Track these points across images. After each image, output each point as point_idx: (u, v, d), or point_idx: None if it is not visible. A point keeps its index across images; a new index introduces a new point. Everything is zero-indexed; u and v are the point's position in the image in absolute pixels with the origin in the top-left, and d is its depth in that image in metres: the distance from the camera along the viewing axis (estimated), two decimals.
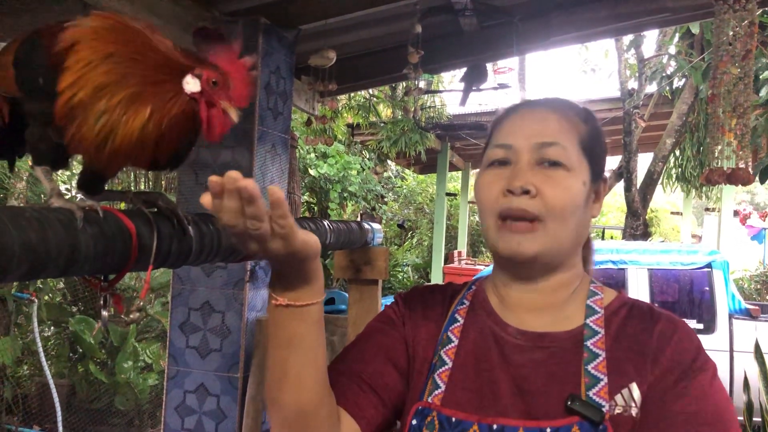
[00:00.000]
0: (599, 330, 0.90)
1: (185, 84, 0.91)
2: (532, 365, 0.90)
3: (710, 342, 5.24)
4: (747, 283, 9.58)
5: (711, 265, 5.44)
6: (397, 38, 3.14)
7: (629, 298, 0.96)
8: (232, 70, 0.93)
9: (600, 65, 21.30)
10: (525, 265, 0.92)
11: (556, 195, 0.88)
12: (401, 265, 11.62)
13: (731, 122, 2.53)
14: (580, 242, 0.95)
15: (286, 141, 2.80)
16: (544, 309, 0.94)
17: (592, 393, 0.84)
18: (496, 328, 0.95)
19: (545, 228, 0.88)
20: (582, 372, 0.86)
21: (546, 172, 0.90)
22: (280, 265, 0.79)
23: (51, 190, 0.93)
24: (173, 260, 1.07)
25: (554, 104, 0.97)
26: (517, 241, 0.89)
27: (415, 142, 8.61)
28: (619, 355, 0.87)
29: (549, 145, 0.90)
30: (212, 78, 0.91)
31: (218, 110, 0.92)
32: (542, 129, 0.92)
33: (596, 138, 0.97)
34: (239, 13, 2.55)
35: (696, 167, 8.68)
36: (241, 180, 0.68)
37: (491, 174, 0.94)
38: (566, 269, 0.95)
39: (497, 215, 0.91)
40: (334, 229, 1.86)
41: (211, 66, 0.92)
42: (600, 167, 0.97)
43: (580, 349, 0.89)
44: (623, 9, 2.97)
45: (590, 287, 0.96)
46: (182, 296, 2.64)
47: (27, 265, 0.76)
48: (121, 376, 4.89)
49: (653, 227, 15.62)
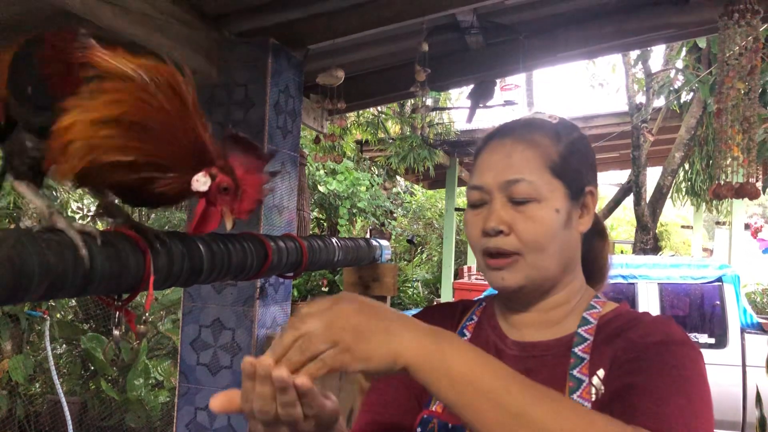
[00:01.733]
0: (588, 337, 0.92)
1: (194, 181, 0.89)
2: (525, 374, 0.91)
3: (722, 357, 5.20)
4: (759, 297, 9.50)
5: (722, 279, 5.40)
6: (404, 56, 3.17)
7: (628, 309, 0.97)
8: (246, 182, 0.91)
9: (607, 80, 21.29)
10: (515, 296, 0.96)
11: (528, 229, 0.91)
12: (411, 281, 11.60)
13: (737, 137, 2.54)
14: (568, 263, 0.96)
15: (296, 159, 2.83)
16: (544, 324, 0.97)
17: (575, 396, 0.86)
18: (498, 341, 0.98)
19: (525, 260, 0.91)
20: (567, 376, 0.89)
21: (517, 207, 0.92)
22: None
23: (47, 208, 0.90)
24: (185, 279, 1.09)
25: (522, 132, 0.97)
26: (501, 276, 0.92)
27: (424, 158, 8.63)
28: (602, 356, 0.88)
29: (514, 182, 0.92)
30: (224, 184, 0.90)
31: (216, 212, 0.91)
32: (508, 165, 0.94)
33: (571, 153, 0.96)
34: (249, 33, 2.59)
35: (705, 181, 8.65)
36: (275, 369, 0.66)
37: (472, 214, 0.97)
38: (560, 289, 0.96)
39: (482, 253, 0.94)
40: (342, 247, 1.88)
41: (229, 170, 0.90)
42: (581, 182, 0.96)
43: (568, 355, 0.91)
44: (629, 25, 2.99)
45: (591, 301, 0.98)
46: (193, 313, 2.66)
47: (46, 286, 0.78)
48: (133, 393, 4.91)
49: (663, 241, 15.54)
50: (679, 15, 2.89)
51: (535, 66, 3.34)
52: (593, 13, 3.02)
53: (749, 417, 5.03)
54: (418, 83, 2.94)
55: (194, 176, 0.89)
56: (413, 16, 2.53)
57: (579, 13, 3.02)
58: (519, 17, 3.06)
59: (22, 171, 0.93)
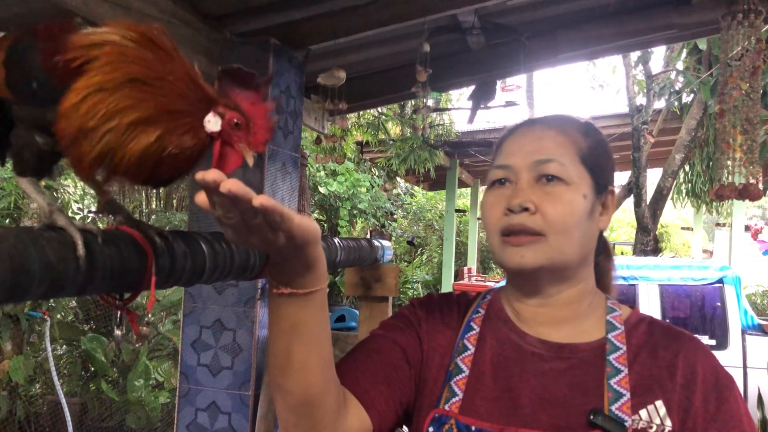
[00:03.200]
0: (621, 345, 0.91)
1: (206, 122, 0.88)
2: (553, 374, 0.91)
3: (723, 358, 5.17)
4: (760, 298, 9.51)
5: (723, 280, 5.40)
6: (406, 57, 3.16)
7: (644, 314, 0.97)
8: (254, 114, 0.90)
9: (608, 81, 21.33)
10: (531, 278, 0.94)
11: (556, 210, 0.90)
12: (411, 282, 11.60)
13: (739, 138, 2.54)
14: (586, 255, 0.96)
15: (297, 159, 2.82)
16: (559, 323, 0.95)
17: (614, 408, 0.85)
18: (514, 337, 0.96)
19: (548, 241, 0.90)
20: (605, 386, 0.87)
21: (545, 188, 0.91)
22: (279, 254, 0.76)
23: (48, 205, 0.88)
24: (187, 279, 1.08)
25: (553, 121, 0.99)
26: (521, 254, 0.90)
27: (424, 159, 8.63)
28: (642, 371, 0.88)
29: (546, 161, 0.92)
30: (235, 119, 0.88)
31: (234, 151, 0.90)
32: (539, 147, 0.94)
33: (599, 151, 0.98)
34: (249, 33, 2.58)
35: (706, 182, 8.65)
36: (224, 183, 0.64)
37: (493, 194, 0.96)
38: (575, 283, 0.95)
39: (500, 233, 0.92)
40: (344, 247, 1.87)
41: (235, 106, 0.89)
42: (605, 179, 0.97)
43: (602, 363, 0.90)
44: (630, 26, 2.99)
45: (608, 303, 0.97)
46: (194, 314, 2.66)
47: (47, 285, 0.77)
48: (133, 394, 4.90)
49: (664, 243, 15.54)
50: (680, 15, 2.88)
51: (536, 67, 3.34)
52: (594, 14, 3.01)
53: None
54: (419, 84, 2.94)
55: (205, 118, 0.88)
56: (414, 17, 2.52)
57: (580, 14, 3.02)
58: (520, 18, 3.05)
59: (28, 166, 0.91)
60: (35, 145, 0.89)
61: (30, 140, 0.89)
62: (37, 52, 0.85)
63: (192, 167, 0.92)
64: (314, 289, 0.80)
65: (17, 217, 5.26)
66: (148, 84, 0.84)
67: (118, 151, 0.83)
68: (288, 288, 0.79)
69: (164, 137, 0.84)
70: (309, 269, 0.78)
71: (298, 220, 0.72)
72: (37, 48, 0.86)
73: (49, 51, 0.84)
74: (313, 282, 0.79)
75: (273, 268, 0.79)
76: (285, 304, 0.80)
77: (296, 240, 0.73)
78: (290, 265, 0.77)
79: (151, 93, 0.84)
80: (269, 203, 0.67)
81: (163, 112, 0.84)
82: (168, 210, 7.97)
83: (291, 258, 0.76)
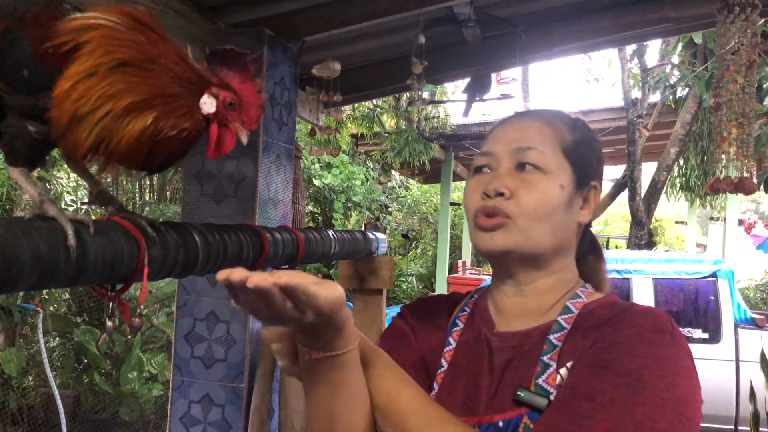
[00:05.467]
0: (566, 326, 0.90)
1: (202, 104, 0.89)
2: (506, 365, 0.92)
3: (716, 352, 5.22)
4: (753, 292, 9.56)
5: (716, 274, 5.42)
6: (401, 49, 3.15)
7: (615, 300, 0.94)
8: (245, 92, 0.92)
9: (603, 75, 21.34)
10: (502, 262, 0.95)
11: (530, 196, 0.91)
12: (405, 275, 11.61)
13: (734, 132, 2.54)
14: (561, 244, 0.96)
15: (291, 151, 2.81)
16: (530, 313, 0.95)
17: (540, 381, 0.85)
18: (489, 334, 0.97)
19: (515, 224, 0.91)
20: (537, 363, 0.88)
21: (522, 176, 0.93)
22: (309, 326, 0.76)
23: (39, 195, 0.87)
24: (180, 270, 1.07)
25: (541, 113, 1.01)
26: (491, 237, 0.92)
27: (419, 152, 8.63)
28: (575, 344, 0.87)
29: (526, 149, 0.94)
30: (228, 99, 0.90)
31: (230, 132, 0.91)
32: (522, 135, 0.96)
33: (584, 146, 0.98)
34: (244, 24, 2.57)
35: (700, 176, 8.68)
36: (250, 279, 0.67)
37: (474, 181, 0.98)
38: (549, 273, 0.95)
39: (474, 216, 0.94)
40: (339, 239, 1.86)
41: (226, 86, 0.90)
42: (589, 174, 0.98)
43: (543, 342, 0.90)
44: (626, 19, 2.98)
45: (577, 290, 0.96)
46: (187, 306, 2.65)
47: (37, 275, 0.77)
48: (126, 386, 4.89)
49: (658, 237, 15.59)
50: (676, 9, 2.88)
51: (532, 59, 3.33)
52: (590, 6, 3.01)
53: (742, 411, 5.05)
54: (414, 76, 2.93)
55: (200, 100, 0.88)
56: (410, 9, 2.51)
57: (576, 7, 3.01)
58: (516, 10, 3.04)
59: (20, 156, 0.90)
60: (27, 134, 0.88)
61: (22, 129, 0.88)
62: (27, 40, 0.85)
63: (188, 150, 0.92)
64: (347, 350, 0.80)
65: (9, 208, 5.23)
66: (140, 67, 0.84)
67: (114, 135, 0.82)
68: (321, 352, 0.79)
69: (160, 120, 0.84)
70: (339, 332, 0.78)
71: (324, 295, 0.72)
72: (27, 36, 0.85)
73: (39, 38, 0.83)
74: (344, 343, 0.79)
75: (303, 336, 0.79)
76: (321, 368, 0.80)
77: (324, 314, 0.74)
78: (320, 332, 0.77)
79: (145, 76, 0.84)
80: (293, 281, 0.69)
81: (158, 95, 0.84)
82: (161, 202, 7.94)
83: (321, 326, 0.76)
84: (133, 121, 0.82)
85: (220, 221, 1.30)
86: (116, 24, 0.84)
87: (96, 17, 0.84)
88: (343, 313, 0.77)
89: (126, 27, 0.84)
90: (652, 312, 0.85)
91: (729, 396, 5.16)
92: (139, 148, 0.84)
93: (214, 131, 0.90)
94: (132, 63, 0.83)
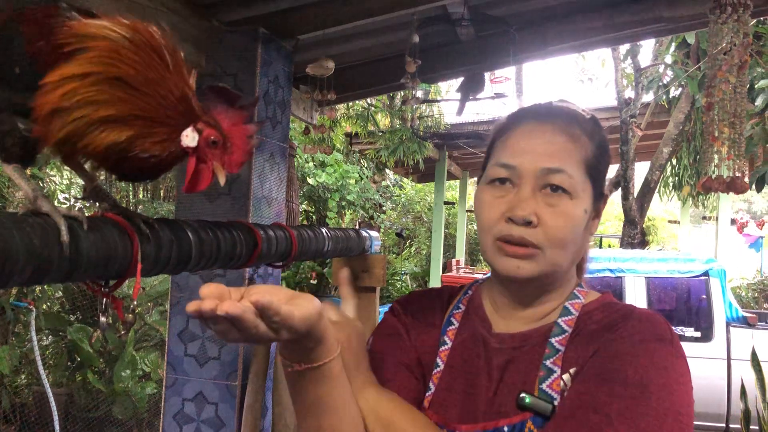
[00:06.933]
0: (567, 329, 0.90)
1: (183, 136, 0.87)
2: (505, 366, 0.91)
3: (707, 350, 5.25)
4: (744, 291, 9.61)
5: (708, 273, 5.45)
6: (395, 48, 3.15)
7: (612, 301, 0.94)
8: (233, 134, 0.90)
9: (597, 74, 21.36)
10: (522, 286, 0.93)
11: (557, 225, 0.87)
12: (399, 274, 11.62)
13: (726, 131, 2.55)
14: (576, 261, 0.96)
15: (285, 150, 2.81)
16: (529, 315, 0.95)
17: (544, 386, 0.85)
18: (486, 335, 0.96)
19: (544, 255, 0.88)
20: (540, 367, 0.87)
21: (548, 199, 0.88)
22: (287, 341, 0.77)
23: (33, 191, 0.87)
24: (173, 266, 1.08)
25: (562, 120, 0.93)
26: (516, 265, 0.88)
27: (413, 151, 8.63)
28: (579, 348, 0.87)
29: (555, 171, 0.88)
30: (212, 137, 0.88)
31: (207, 169, 0.90)
32: (549, 152, 0.89)
33: (602, 153, 0.95)
34: (238, 22, 2.57)
35: (693, 176, 8.71)
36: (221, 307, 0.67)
37: (492, 193, 0.92)
38: (559, 287, 0.95)
39: (496, 237, 0.89)
40: (332, 237, 1.87)
41: (215, 124, 0.89)
42: (602, 185, 0.96)
43: (545, 345, 0.89)
44: (619, 19, 2.99)
45: (574, 290, 0.96)
46: (181, 304, 2.65)
47: (30, 270, 0.77)
48: (120, 384, 4.89)
49: (650, 236, 15.64)
50: (669, 9, 2.89)
51: (526, 59, 3.34)
52: (584, 6, 3.02)
53: (734, 409, 5.08)
54: (408, 74, 2.93)
55: (182, 132, 0.88)
56: (404, 7, 2.51)
57: (570, 6, 3.02)
58: (510, 9, 3.05)
59: (13, 153, 0.90)
60: (18, 131, 0.88)
61: (13, 126, 0.88)
62: (21, 37, 0.84)
63: (159, 173, 0.92)
64: (328, 360, 0.80)
65: (2, 205, 5.21)
66: (132, 86, 0.83)
67: (83, 139, 0.83)
68: (302, 364, 0.79)
69: (133, 140, 0.84)
70: (318, 344, 0.78)
71: (299, 315, 0.72)
72: (21, 33, 0.85)
73: (33, 36, 0.83)
74: (325, 354, 0.79)
75: (284, 349, 0.79)
76: (303, 380, 0.81)
77: (300, 331, 0.74)
78: (299, 345, 0.78)
79: (133, 96, 0.84)
80: (264, 299, 0.69)
81: (139, 117, 0.84)
82: (155, 200, 7.93)
83: (299, 340, 0.77)
84: (105, 132, 0.83)
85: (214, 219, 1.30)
86: (123, 39, 0.83)
87: (105, 27, 0.84)
88: (321, 325, 0.77)
89: (132, 44, 0.84)
90: (653, 319, 0.85)
91: (720, 394, 5.19)
92: (107, 157, 0.85)
93: (191, 166, 0.89)
94: (125, 80, 0.83)
